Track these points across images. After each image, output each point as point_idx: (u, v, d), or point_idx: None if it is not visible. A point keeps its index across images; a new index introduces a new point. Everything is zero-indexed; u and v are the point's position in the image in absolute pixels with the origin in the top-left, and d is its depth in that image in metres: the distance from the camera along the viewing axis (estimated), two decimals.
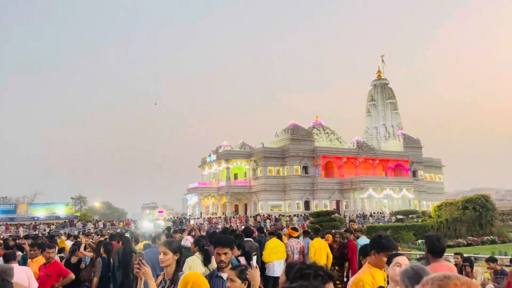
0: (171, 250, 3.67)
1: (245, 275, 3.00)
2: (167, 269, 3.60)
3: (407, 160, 61.69)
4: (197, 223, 42.48)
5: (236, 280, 3.00)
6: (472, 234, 22.83)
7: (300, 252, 8.34)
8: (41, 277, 5.19)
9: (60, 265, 5.65)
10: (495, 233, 23.24)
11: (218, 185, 57.25)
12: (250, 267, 3.03)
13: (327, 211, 33.27)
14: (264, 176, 54.33)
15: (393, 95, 73.90)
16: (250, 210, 55.61)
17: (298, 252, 8.33)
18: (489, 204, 24.15)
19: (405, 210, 49.16)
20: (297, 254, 8.30)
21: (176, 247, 3.71)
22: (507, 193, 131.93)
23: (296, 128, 58.42)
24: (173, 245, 3.72)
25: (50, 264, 5.47)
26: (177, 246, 3.73)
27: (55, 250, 5.71)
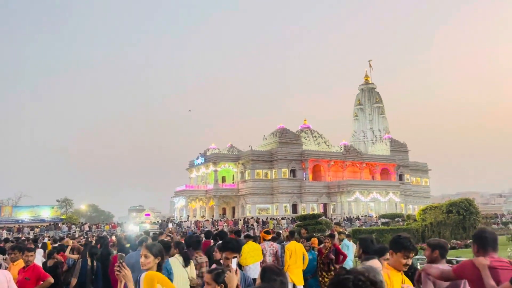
0: (153, 254, 3.68)
1: (222, 279, 3.02)
2: None
3: (394, 164, 62.25)
4: (184, 226, 42.36)
5: (211, 283, 3.01)
6: (456, 238, 23.10)
7: (273, 254, 8.46)
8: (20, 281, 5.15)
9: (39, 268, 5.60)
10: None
11: (206, 188, 57.15)
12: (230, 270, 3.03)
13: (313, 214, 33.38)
14: (252, 179, 54.37)
15: (380, 99, 74.57)
16: (238, 213, 55.56)
17: (271, 254, 8.47)
18: (472, 208, 24.43)
19: (391, 213, 49.53)
20: (269, 256, 8.45)
21: (157, 251, 3.72)
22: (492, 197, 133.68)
23: (284, 131, 58.60)
24: (155, 248, 3.73)
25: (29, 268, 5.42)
26: (159, 250, 3.75)
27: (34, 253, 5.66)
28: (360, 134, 72.89)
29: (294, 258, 8.02)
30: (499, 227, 39.21)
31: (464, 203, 24.40)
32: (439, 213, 24.52)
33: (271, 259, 8.42)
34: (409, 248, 3.40)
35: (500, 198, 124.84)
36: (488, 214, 48.99)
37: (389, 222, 41.94)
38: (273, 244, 8.91)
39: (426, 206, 27.99)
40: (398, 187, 58.94)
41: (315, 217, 31.49)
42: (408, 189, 63.00)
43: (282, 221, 45.18)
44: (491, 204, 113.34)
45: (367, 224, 43.36)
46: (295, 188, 55.09)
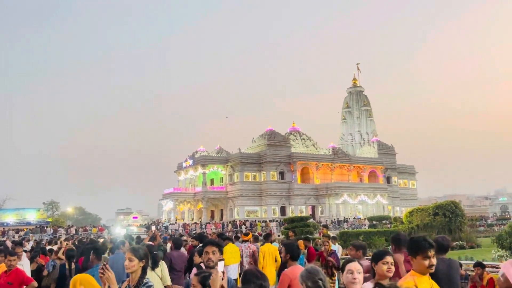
0: (137, 257, 3.67)
1: (208, 282, 3.05)
2: (132, 275, 3.61)
3: (381, 166, 62.73)
4: (172, 229, 42.15)
5: (197, 286, 3.07)
6: None
7: (249, 255, 8.61)
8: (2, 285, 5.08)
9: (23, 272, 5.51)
10: (464, 238, 23.79)
11: (194, 190, 56.96)
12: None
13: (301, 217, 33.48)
14: (241, 182, 54.35)
15: (368, 102, 75.12)
16: (226, 215, 55.48)
17: (248, 255, 8.71)
18: (458, 210, 24.74)
19: (378, 215, 49.91)
20: (246, 257, 8.67)
21: (142, 254, 3.71)
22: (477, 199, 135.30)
23: (273, 134, 58.73)
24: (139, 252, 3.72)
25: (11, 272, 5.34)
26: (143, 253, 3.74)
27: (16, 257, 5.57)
28: (348, 137, 73.33)
29: (267, 260, 8.31)
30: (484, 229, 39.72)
31: (450, 205, 24.69)
32: (426, 216, 24.79)
33: (248, 260, 8.63)
34: (425, 248, 3.12)
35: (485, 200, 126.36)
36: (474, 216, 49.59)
37: (376, 224, 42.23)
38: (250, 245, 9.26)
39: (413, 208, 28.26)
40: (386, 190, 59.39)
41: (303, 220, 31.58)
42: (395, 192, 63.51)
43: (271, 224, 45.22)
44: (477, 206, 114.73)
45: (355, 227, 43.64)
46: (283, 190, 55.18)
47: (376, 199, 57.18)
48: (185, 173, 59.82)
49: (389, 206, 59.69)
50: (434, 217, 24.35)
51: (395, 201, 62.61)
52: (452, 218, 24.13)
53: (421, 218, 24.86)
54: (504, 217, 62.64)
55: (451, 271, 4.28)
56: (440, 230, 24.04)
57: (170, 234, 36.99)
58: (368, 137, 71.58)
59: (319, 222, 46.22)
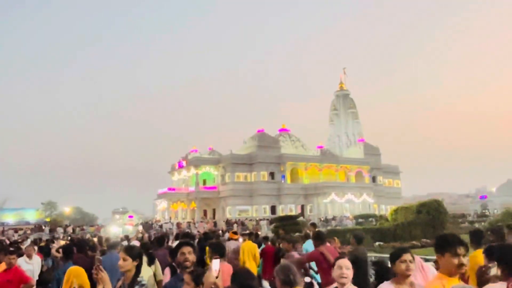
0: (131, 256, 3.64)
1: (201, 280, 3.04)
2: (127, 274, 3.58)
3: (367, 166, 63.05)
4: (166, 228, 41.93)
5: (190, 283, 3.05)
6: (426, 236, 23.49)
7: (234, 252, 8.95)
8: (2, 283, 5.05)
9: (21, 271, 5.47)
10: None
11: (187, 190, 56.83)
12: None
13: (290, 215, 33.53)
14: (232, 182, 54.30)
15: (354, 105, 75.53)
16: (219, 215, 55.39)
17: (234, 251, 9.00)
18: (441, 208, 24.92)
19: (365, 213, 50.11)
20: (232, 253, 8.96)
21: (136, 253, 3.68)
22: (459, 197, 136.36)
23: (263, 135, 58.80)
24: (133, 251, 3.70)
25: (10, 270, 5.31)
26: (137, 253, 3.71)
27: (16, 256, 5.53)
28: (336, 138, 73.64)
29: (246, 257, 8.68)
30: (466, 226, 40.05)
31: (433, 203, 24.87)
32: (410, 213, 24.94)
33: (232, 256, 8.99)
34: (455, 243, 2.71)
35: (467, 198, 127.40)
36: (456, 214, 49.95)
37: (363, 222, 42.40)
38: (237, 243, 9.65)
39: (397, 206, 28.43)
40: (372, 189, 59.73)
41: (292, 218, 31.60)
42: (380, 191, 63.88)
43: (261, 222, 45.21)
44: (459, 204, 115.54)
45: (342, 224, 43.75)
46: (274, 190, 55.23)
47: (362, 198, 57.47)
48: (178, 174, 59.68)
49: (375, 205, 60.02)
50: (418, 214, 24.50)
51: (380, 199, 62.98)
52: (435, 216, 24.30)
53: (406, 216, 25.01)
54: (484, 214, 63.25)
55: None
56: (424, 227, 24.22)
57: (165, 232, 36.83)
58: (355, 139, 71.95)
59: (308, 220, 46.33)
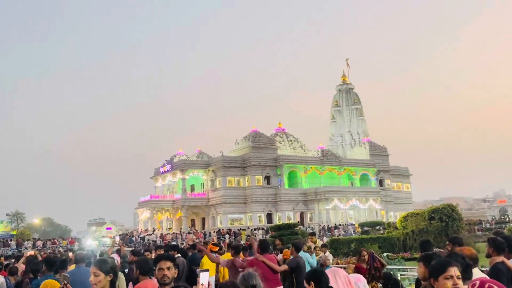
0: (103, 271, 3.58)
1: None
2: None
3: (374, 168, 63.24)
4: (149, 240, 41.78)
5: None
6: (439, 246, 23.58)
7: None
8: None
9: None
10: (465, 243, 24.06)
11: (172, 197, 56.68)
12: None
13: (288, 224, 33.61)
14: (223, 187, 54.24)
15: (359, 100, 75.75)
16: (208, 224, 55.30)
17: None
18: (455, 214, 25.05)
19: (371, 221, 50.30)
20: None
21: (109, 268, 3.61)
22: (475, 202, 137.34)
23: (258, 135, 58.79)
24: (106, 265, 3.63)
25: None
26: (110, 267, 3.64)
27: None
28: (338, 138, 73.80)
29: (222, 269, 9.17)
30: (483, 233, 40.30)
31: (447, 209, 24.99)
32: (421, 220, 25.04)
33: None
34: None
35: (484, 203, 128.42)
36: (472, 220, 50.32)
37: (369, 230, 42.54)
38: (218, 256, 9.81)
39: (407, 213, 28.54)
40: (379, 193, 59.92)
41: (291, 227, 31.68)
42: (389, 195, 64.11)
43: (257, 232, 45.19)
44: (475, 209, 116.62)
45: (347, 233, 43.87)
46: (269, 196, 55.24)
47: (368, 204, 57.63)
48: (162, 179, 59.49)
49: (383, 211, 60.22)
50: (430, 221, 24.60)
51: (388, 205, 63.20)
52: (449, 223, 24.42)
53: (416, 223, 25.11)
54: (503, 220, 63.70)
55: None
56: (436, 235, 24.32)
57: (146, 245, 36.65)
58: (359, 138, 72.17)
59: (312, 228, 46.43)
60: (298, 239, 7.33)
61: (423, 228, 24.55)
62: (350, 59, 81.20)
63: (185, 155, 60.32)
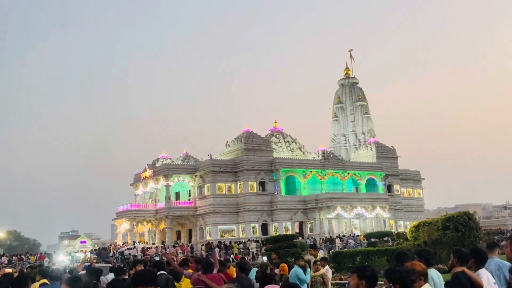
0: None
1: None
2: None
3: (381, 172, 63.44)
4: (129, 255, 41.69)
5: None
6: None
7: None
8: None
9: None
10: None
11: (155, 207, 56.65)
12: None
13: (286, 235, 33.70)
14: (213, 195, 54.21)
15: (364, 96, 76.00)
16: (196, 236, 55.27)
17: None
18: (472, 222, 25.18)
19: (378, 231, 50.49)
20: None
21: (81, 286, 3.65)
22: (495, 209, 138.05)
23: (251, 136, 58.82)
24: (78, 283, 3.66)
25: None
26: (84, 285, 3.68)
27: None
28: (341, 138, 74.02)
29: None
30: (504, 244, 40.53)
31: (463, 217, 25.09)
32: (434, 230, 25.12)
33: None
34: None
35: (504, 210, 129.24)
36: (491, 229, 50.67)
37: (376, 242, 42.69)
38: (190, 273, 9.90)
39: (419, 222, 28.62)
40: (387, 200, 60.12)
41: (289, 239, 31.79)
42: (398, 203, 64.36)
43: (250, 245, 45.22)
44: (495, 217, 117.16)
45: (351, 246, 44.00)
46: (265, 204, 55.29)
47: (375, 212, 57.83)
48: (143, 186, 59.38)
49: (391, 220, 60.45)
50: (444, 231, 24.69)
51: (397, 213, 63.43)
52: (465, 233, 24.52)
53: (429, 233, 25.19)
54: None
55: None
56: (451, 247, 24.43)
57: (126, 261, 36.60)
58: (365, 138, 72.38)
59: (313, 240, 46.54)
60: (242, 261, 7.67)
61: (436, 239, 24.64)
62: (353, 49, 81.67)
63: (169, 158, 60.23)
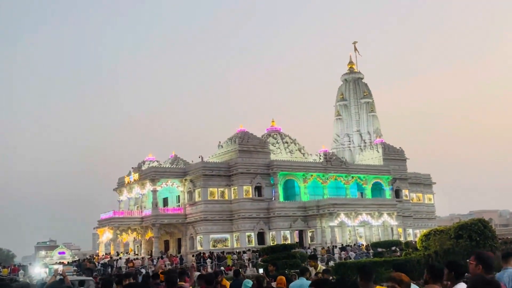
0: None
1: None
2: None
3: (388, 176, 63.38)
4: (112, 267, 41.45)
5: None
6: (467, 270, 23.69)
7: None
8: None
9: None
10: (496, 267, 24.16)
11: (141, 214, 56.47)
12: None
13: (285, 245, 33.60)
14: (204, 201, 54.07)
15: (369, 92, 76.00)
16: (186, 246, 55.12)
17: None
18: (488, 231, 25.17)
19: (385, 240, 50.42)
20: None
21: None
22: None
23: (246, 136, 58.69)
24: None
25: None
26: None
27: None
28: (345, 139, 73.99)
29: None
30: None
31: (478, 225, 25.08)
32: (446, 239, 25.11)
33: None
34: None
35: None
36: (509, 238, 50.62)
37: (383, 252, 42.62)
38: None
39: (429, 230, 28.66)
40: (394, 207, 60.07)
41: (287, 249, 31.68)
42: (406, 209, 64.33)
43: (245, 255, 45.07)
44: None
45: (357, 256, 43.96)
46: (261, 211, 55.17)
47: (382, 219, 57.76)
48: (128, 191, 59.17)
49: (399, 228, 60.45)
50: (457, 240, 24.69)
51: (406, 221, 63.43)
52: (480, 242, 24.52)
53: (440, 242, 25.19)
54: None
55: None
56: (465, 257, 24.35)
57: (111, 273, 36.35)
58: (370, 139, 72.39)
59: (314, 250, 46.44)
60: (208, 275, 7.80)
61: (448, 248, 24.62)
62: (358, 41, 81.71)
63: (156, 161, 60.02)
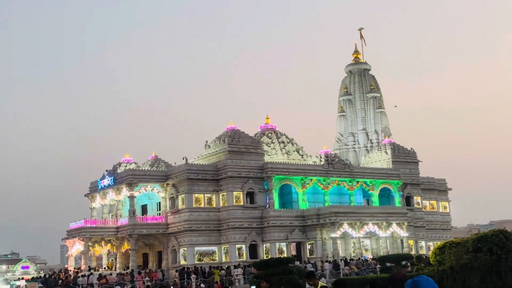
0: None
1: None
2: None
3: (398, 181, 63.51)
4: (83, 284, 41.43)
5: None
6: (488, 287, 23.84)
7: None
8: None
9: None
10: None
11: (116, 223, 56.27)
12: None
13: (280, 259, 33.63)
14: (189, 208, 53.98)
15: (377, 86, 76.08)
16: (168, 260, 55.02)
17: None
18: (510, 243, 25.27)
19: (395, 254, 50.55)
20: None
21: None
22: None
23: (237, 134, 58.62)
24: None
25: None
26: None
27: None
28: (349, 138, 74.10)
29: None
30: None
31: (499, 237, 25.18)
32: (463, 253, 25.21)
33: None
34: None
35: None
36: None
37: (391, 267, 42.79)
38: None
39: (444, 242, 28.73)
40: (405, 215, 60.19)
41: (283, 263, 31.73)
42: (419, 218, 64.44)
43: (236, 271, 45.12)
44: None
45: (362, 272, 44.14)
46: (253, 220, 55.14)
47: (390, 230, 57.87)
48: (102, 198, 58.99)
49: (410, 240, 60.55)
50: (475, 254, 24.79)
51: (418, 232, 63.54)
52: (501, 256, 24.62)
53: (457, 256, 25.27)
54: None
55: None
56: (484, 273, 24.52)
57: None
58: (378, 138, 72.50)
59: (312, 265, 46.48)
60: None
61: (466, 263, 24.72)
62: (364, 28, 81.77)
63: (134, 163, 59.95)
